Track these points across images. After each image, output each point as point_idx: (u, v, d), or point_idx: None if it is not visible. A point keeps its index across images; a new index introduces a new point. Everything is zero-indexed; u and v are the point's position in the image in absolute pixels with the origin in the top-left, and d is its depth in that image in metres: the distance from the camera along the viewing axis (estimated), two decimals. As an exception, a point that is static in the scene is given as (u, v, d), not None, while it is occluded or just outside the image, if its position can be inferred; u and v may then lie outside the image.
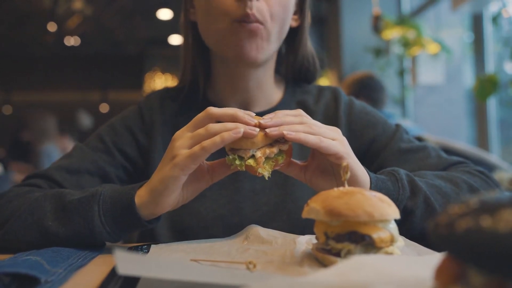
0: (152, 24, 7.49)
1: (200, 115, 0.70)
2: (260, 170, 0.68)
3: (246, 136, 0.67)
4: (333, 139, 0.70)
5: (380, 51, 4.47)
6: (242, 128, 0.66)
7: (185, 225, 0.91)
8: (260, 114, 0.99)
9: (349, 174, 0.65)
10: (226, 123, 0.67)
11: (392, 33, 4.22)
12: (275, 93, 1.03)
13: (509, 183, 2.02)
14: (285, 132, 0.67)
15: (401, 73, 4.50)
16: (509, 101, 3.35)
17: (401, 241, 0.62)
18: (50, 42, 7.95)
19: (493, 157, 2.69)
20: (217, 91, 1.02)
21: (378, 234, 0.58)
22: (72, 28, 7.20)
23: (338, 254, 0.59)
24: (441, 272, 0.35)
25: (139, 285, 0.52)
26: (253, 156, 0.68)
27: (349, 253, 0.58)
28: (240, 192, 0.93)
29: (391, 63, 4.48)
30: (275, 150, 0.69)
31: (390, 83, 4.59)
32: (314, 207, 0.61)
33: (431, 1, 4.33)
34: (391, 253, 0.59)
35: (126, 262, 0.44)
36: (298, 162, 0.77)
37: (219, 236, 0.81)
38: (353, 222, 0.58)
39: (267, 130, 0.68)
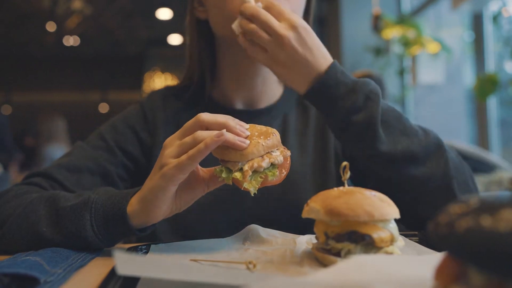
0: (152, 24, 7.49)
1: (190, 122, 0.67)
2: (245, 184, 0.64)
3: (234, 148, 0.64)
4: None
5: (380, 51, 4.47)
6: (225, 133, 0.63)
7: (185, 223, 0.91)
8: (263, 110, 1.00)
9: (349, 174, 0.65)
10: (213, 131, 0.64)
11: (392, 33, 4.22)
12: (276, 90, 1.04)
13: (509, 182, 2.02)
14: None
15: (401, 72, 4.49)
16: (509, 100, 3.35)
17: (401, 240, 0.62)
18: (50, 42, 7.95)
19: (494, 156, 2.69)
20: (222, 89, 1.02)
21: (378, 234, 0.58)
22: (71, 28, 7.20)
23: (338, 254, 0.59)
24: (441, 272, 0.35)
25: (139, 285, 0.52)
26: (241, 169, 0.64)
27: (349, 252, 0.58)
28: (241, 189, 0.93)
29: (391, 63, 4.47)
30: (264, 164, 0.65)
31: (390, 83, 4.58)
32: (314, 207, 0.61)
33: (431, 0, 4.32)
34: (391, 253, 0.59)
35: (125, 262, 0.44)
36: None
37: (220, 234, 0.81)
38: (353, 222, 0.57)
39: None
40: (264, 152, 0.65)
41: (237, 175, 0.64)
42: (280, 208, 0.92)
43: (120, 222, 0.70)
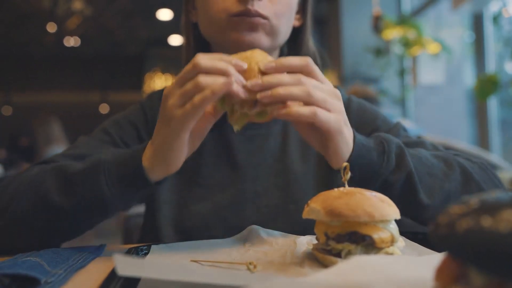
0: (152, 25, 7.49)
1: (187, 67, 0.65)
2: (231, 121, 0.68)
3: (233, 95, 0.64)
4: (329, 111, 0.67)
5: (380, 51, 4.47)
6: (234, 81, 0.62)
7: (188, 227, 0.91)
8: None
9: (349, 174, 0.65)
10: (216, 77, 0.63)
11: (393, 33, 4.22)
12: None
13: (510, 183, 2.02)
14: (275, 114, 0.65)
15: (401, 73, 4.50)
16: (510, 101, 3.35)
17: (401, 241, 0.62)
18: (50, 43, 7.95)
19: (494, 157, 2.69)
20: None
21: (378, 235, 0.58)
22: (72, 29, 7.20)
23: (338, 254, 0.59)
24: (441, 273, 0.35)
25: (140, 286, 0.52)
26: (233, 106, 0.67)
27: (349, 253, 0.58)
28: (242, 194, 0.93)
29: (391, 63, 4.48)
30: (253, 112, 0.66)
31: (391, 83, 4.59)
32: (314, 208, 0.61)
33: (431, 1, 4.33)
34: (391, 254, 0.59)
35: (125, 263, 0.44)
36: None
37: (221, 238, 0.81)
38: (354, 223, 0.57)
39: (258, 95, 0.63)
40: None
41: (228, 109, 0.68)
42: (279, 215, 0.92)
43: (137, 177, 0.70)
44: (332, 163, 0.73)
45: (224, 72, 0.63)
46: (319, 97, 0.66)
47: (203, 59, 0.64)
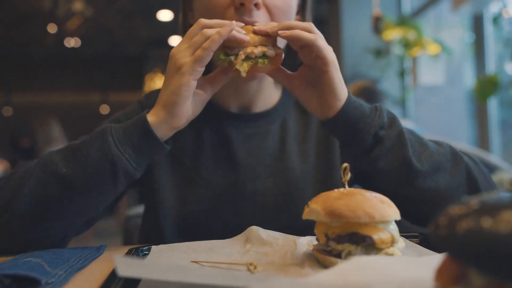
0: (152, 25, 7.49)
1: (193, 28, 0.74)
2: (237, 66, 0.74)
3: (237, 41, 0.73)
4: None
5: (380, 52, 4.47)
6: (235, 24, 0.72)
7: (187, 227, 0.91)
8: (260, 114, 1.00)
9: (349, 175, 0.65)
10: (219, 28, 0.72)
11: (393, 34, 4.22)
12: (274, 94, 1.03)
13: (509, 184, 2.02)
14: (279, 32, 0.73)
15: (401, 73, 4.49)
16: (510, 101, 3.35)
17: (401, 242, 0.62)
18: (50, 43, 7.95)
19: (494, 157, 2.69)
20: (218, 94, 1.02)
21: (378, 235, 0.58)
22: (72, 30, 7.20)
23: (338, 255, 0.59)
24: (441, 273, 0.35)
25: (140, 286, 0.52)
26: (236, 54, 0.74)
27: (349, 254, 0.58)
28: (242, 193, 0.93)
29: (391, 64, 4.47)
30: (255, 51, 0.74)
31: (391, 84, 4.59)
32: (314, 208, 0.61)
33: (431, 2, 4.33)
34: (391, 254, 0.59)
35: (125, 264, 0.44)
36: (286, 70, 0.82)
37: (221, 238, 0.81)
38: (354, 223, 0.58)
39: (268, 30, 0.74)
40: (259, 44, 0.75)
41: (232, 58, 0.75)
42: (279, 214, 0.92)
43: (144, 133, 0.74)
44: (328, 106, 0.77)
45: (225, 24, 0.73)
46: (319, 33, 0.74)
47: (206, 20, 0.74)
